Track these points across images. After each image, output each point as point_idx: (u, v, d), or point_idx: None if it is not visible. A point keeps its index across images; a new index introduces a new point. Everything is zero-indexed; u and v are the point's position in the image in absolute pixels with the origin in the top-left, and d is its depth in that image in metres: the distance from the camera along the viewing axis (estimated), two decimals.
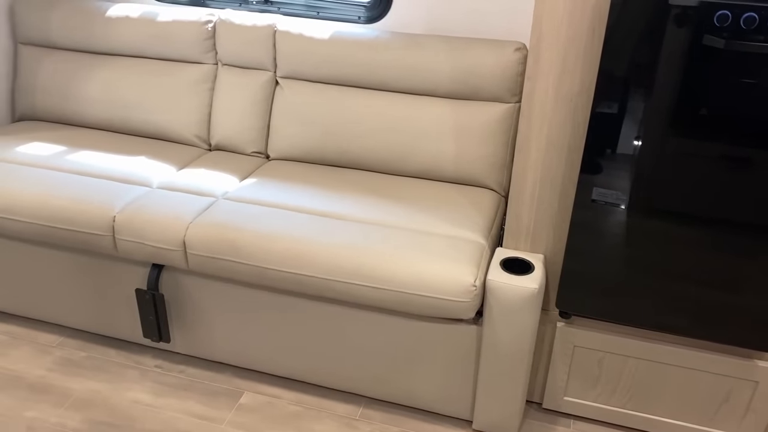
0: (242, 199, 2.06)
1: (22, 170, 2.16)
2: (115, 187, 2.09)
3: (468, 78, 2.15)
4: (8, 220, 2.05)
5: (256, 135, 2.38)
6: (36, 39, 2.55)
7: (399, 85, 2.23)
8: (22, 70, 2.57)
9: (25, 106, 2.58)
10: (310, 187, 2.14)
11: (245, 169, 2.28)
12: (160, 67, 2.44)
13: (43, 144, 2.35)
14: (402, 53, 2.20)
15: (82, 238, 2.01)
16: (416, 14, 2.31)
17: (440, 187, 2.19)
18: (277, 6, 2.45)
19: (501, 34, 2.24)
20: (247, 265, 1.87)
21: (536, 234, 1.84)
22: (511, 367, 1.82)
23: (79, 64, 2.50)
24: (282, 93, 2.34)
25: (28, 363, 2.18)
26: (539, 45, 1.60)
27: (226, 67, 2.40)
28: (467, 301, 1.74)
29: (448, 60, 2.16)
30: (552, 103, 1.65)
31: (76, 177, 2.14)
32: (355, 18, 2.38)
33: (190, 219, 1.95)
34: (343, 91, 2.29)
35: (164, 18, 2.40)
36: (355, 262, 1.80)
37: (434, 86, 2.20)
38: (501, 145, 2.17)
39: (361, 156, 2.26)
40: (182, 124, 2.42)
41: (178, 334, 2.14)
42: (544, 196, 1.78)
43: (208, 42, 2.38)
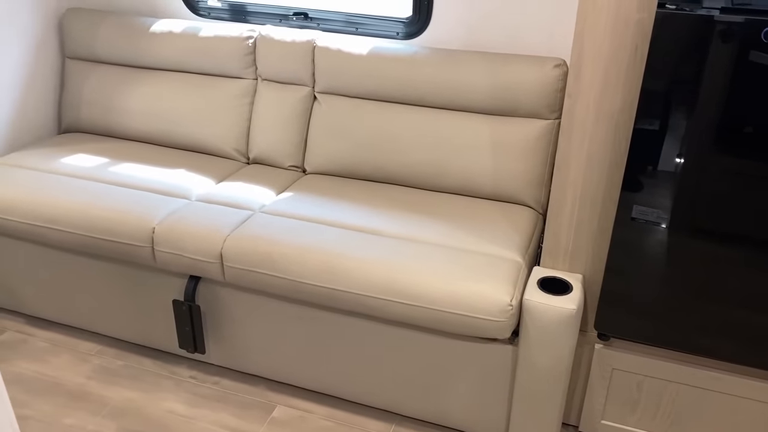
0: (279, 213, 2.07)
1: (67, 181, 2.22)
2: (155, 199, 2.13)
3: (506, 94, 2.14)
4: (52, 229, 2.10)
5: (294, 149, 2.40)
6: (82, 53, 2.62)
7: (437, 101, 2.23)
8: (68, 83, 2.64)
9: (71, 118, 2.65)
10: (346, 201, 2.15)
11: (282, 183, 2.29)
12: (202, 82, 2.48)
13: (87, 156, 2.41)
14: (440, 69, 2.20)
15: (122, 248, 2.04)
16: (455, 30, 2.31)
17: (477, 204, 2.17)
18: (317, 22, 2.47)
19: (540, 51, 2.22)
20: (282, 278, 1.88)
21: (575, 253, 1.80)
22: (547, 388, 1.79)
23: (123, 78, 2.56)
24: (319, 108, 2.36)
25: (68, 370, 2.22)
26: (580, 62, 1.58)
27: (265, 82, 2.43)
28: (503, 321, 1.71)
29: (487, 76, 2.15)
30: (593, 120, 1.63)
31: (117, 188, 2.18)
32: (394, 34, 2.39)
33: (228, 232, 1.97)
34: (381, 107, 2.29)
35: (206, 33, 2.44)
36: (388, 277, 1.79)
37: (472, 102, 2.19)
38: (539, 161, 2.14)
39: (397, 171, 2.26)
40: (222, 138, 2.45)
41: (213, 346, 2.16)
42: (583, 215, 1.75)
43: (248, 57, 2.42)
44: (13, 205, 2.14)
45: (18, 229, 2.15)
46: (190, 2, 2.61)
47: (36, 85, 2.58)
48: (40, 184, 2.20)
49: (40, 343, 2.34)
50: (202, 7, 2.61)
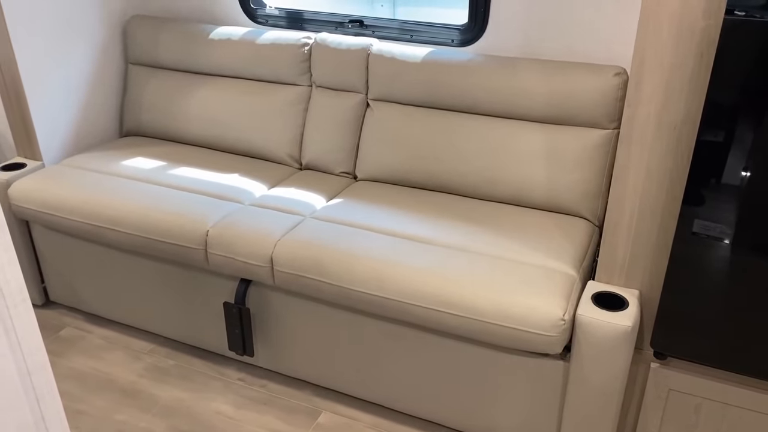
0: (329, 219, 2.08)
1: (126, 184, 2.28)
2: (210, 203, 2.16)
3: (564, 102, 2.09)
4: (112, 230, 2.16)
5: (345, 156, 2.40)
6: (144, 59, 2.69)
7: (491, 109, 2.20)
8: (130, 88, 2.72)
9: (132, 122, 2.73)
10: (396, 209, 2.14)
11: (333, 189, 2.30)
12: (258, 88, 2.52)
13: (146, 159, 2.47)
14: (495, 76, 2.17)
15: (177, 250, 2.08)
16: (511, 37, 2.27)
17: (531, 214, 2.13)
18: (372, 29, 2.48)
19: (600, 58, 2.17)
20: (330, 284, 1.88)
21: (632, 268, 1.74)
22: (600, 407, 1.73)
23: (182, 84, 2.63)
24: (372, 115, 2.36)
25: (121, 367, 2.27)
26: (641, 70, 1.53)
27: (319, 88, 2.44)
28: (554, 336, 1.67)
29: (544, 84, 2.11)
30: (653, 130, 1.57)
31: (174, 192, 2.23)
32: (449, 41, 2.37)
33: (278, 236, 1.98)
34: (434, 114, 2.28)
35: (263, 41, 2.48)
36: (436, 287, 1.77)
37: (528, 110, 2.15)
38: (596, 172, 2.08)
39: (449, 179, 2.24)
40: (276, 144, 2.48)
41: (261, 349, 2.18)
42: (641, 228, 1.69)
43: (304, 64, 2.44)
44: (75, 205, 2.21)
45: (80, 228, 2.22)
46: (248, 10, 2.66)
47: (100, 89, 2.66)
48: (101, 186, 2.26)
49: (97, 340, 2.41)
50: (260, 14, 2.65)
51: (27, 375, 0.79)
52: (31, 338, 0.79)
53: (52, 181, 2.30)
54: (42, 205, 2.26)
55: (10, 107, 2.42)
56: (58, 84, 2.48)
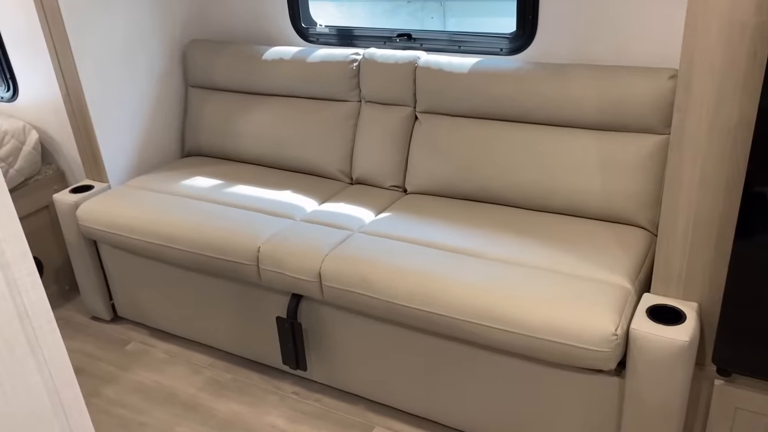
0: (377, 233, 2.08)
1: (184, 202, 2.36)
2: (263, 219, 2.21)
3: (617, 108, 2.02)
4: (170, 248, 2.24)
5: (395, 169, 2.40)
6: (203, 81, 2.79)
7: (542, 117, 2.15)
8: (190, 110, 2.82)
9: (192, 143, 2.83)
10: (446, 222, 2.12)
11: (382, 203, 2.30)
12: (309, 106, 2.56)
13: (204, 178, 2.55)
14: (545, 84, 2.12)
15: (231, 266, 2.13)
16: (561, 43, 2.22)
17: (585, 225, 2.06)
18: (420, 42, 2.48)
19: (653, 61, 2.08)
20: (377, 299, 1.87)
21: (689, 279, 1.66)
22: (659, 426, 1.64)
23: (238, 104, 2.70)
24: (420, 127, 2.35)
25: (182, 381, 2.34)
26: (690, 73, 1.46)
27: (368, 103, 2.46)
28: (607, 351, 1.60)
29: (595, 90, 2.04)
30: (706, 136, 1.49)
31: (229, 209, 2.29)
32: (498, 50, 2.34)
33: (326, 251, 2.00)
34: (483, 125, 2.25)
35: (313, 59, 2.52)
36: (485, 302, 1.73)
37: (580, 117, 2.09)
38: (653, 179, 2.00)
39: (500, 191, 2.20)
40: (327, 160, 2.51)
41: (315, 363, 2.20)
42: (698, 238, 1.61)
43: (353, 80, 2.46)
44: (136, 225, 2.30)
45: (141, 247, 2.31)
46: (300, 30, 2.71)
47: (162, 112, 2.78)
48: (161, 205, 2.35)
49: (160, 354, 2.49)
50: (311, 33, 2.70)
51: (55, 393, 0.82)
52: (57, 356, 0.82)
53: (116, 202, 2.41)
54: (106, 225, 2.37)
55: (79, 133, 2.55)
56: (123, 109, 2.60)
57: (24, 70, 2.65)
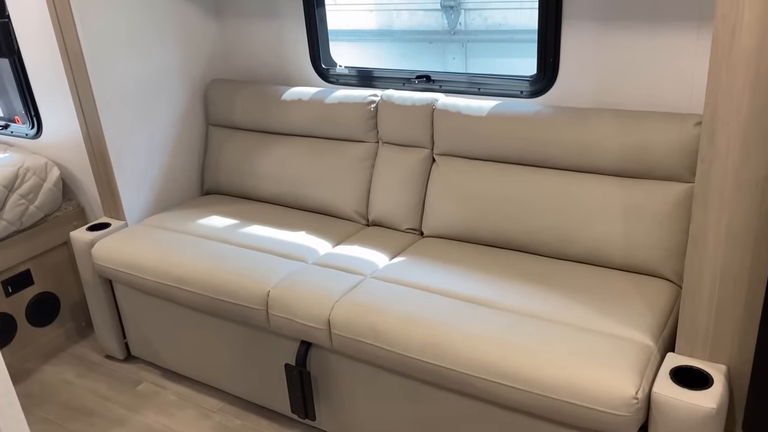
0: (389, 279, 2.02)
1: (198, 243, 2.34)
2: (275, 262, 2.17)
3: (641, 155, 1.94)
4: (182, 290, 2.21)
5: (411, 212, 2.35)
6: (223, 120, 2.79)
7: (563, 162, 2.08)
8: (210, 149, 2.82)
9: (211, 181, 2.82)
10: (461, 268, 2.04)
11: (397, 247, 2.24)
12: (327, 146, 2.53)
13: (220, 218, 2.53)
14: (566, 128, 2.05)
15: (240, 310, 2.09)
16: (583, 87, 2.16)
17: (607, 275, 1.97)
18: (439, 84, 2.44)
19: (679, 106, 2.00)
20: (386, 350, 1.80)
21: (717, 339, 1.55)
22: None
23: (257, 144, 2.69)
24: (438, 170, 2.30)
25: (191, 426, 2.29)
26: (714, 123, 1.38)
27: (386, 145, 2.42)
28: (626, 416, 1.50)
29: (618, 135, 1.97)
30: (732, 188, 1.41)
31: (243, 251, 2.26)
32: (518, 93, 2.29)
33: (336, 298, 1.94)
34: (503, 168, 2.19)
35: (332, 100, 2.50)
36: (498, 357, 1.65)
37: (602, 163, 2.01)
38: (679, 228, 1.90)
39: (519, 237, 2.13)
40: (344, 200, 2.47)
41: (324, 412, 2.13)
42: (725, 295, 1.51)
43: (370, 121, 2.43)
44: (149, 265, 2.28)
45: (153, 287, 2.29)
46: (320, 70, 2.70)
47: (182, 151, 2.78)
48: (175, 245, 2.33)
49: (171, 396, 2.45)
50: (331, 74, 2.69)
51: None
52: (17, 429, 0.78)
53: (130, 241, 2.40)
54: (120, 264, 2.35)
55: (98, 172, 2.56)
56: (143, 147, 2.61)
57: (48, 107, 2.68)
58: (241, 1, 2.77)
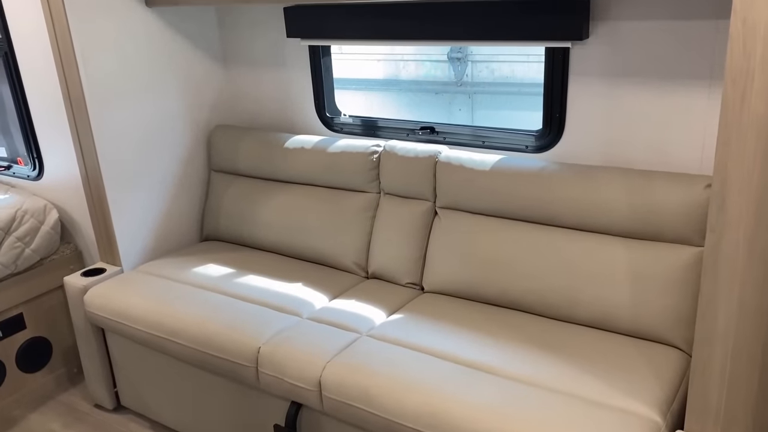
0: (385, 338, 1.94)
1: (192, 292, 2.27)
2: (268, 316, 2.10)
3: (649, 216, 1.87)
4: (172, 342, 2.14)
5: (412, 265, 2.28)
6: (225, 166, 2.76)
7: (568, 221, 2.01)
8: (211, 194, 2.79)
9: (211, 227, 2.78)
10: (461, 328, 1.96)
11: (396, 302, 2.17)
12: (328, 195, 2.49)
13: (216, 266, 2.47)
14: (572, 185, 1.99)
15: (230, 366, 2.01)
16: (590, 143, 2.10)
17: (613, 341, 1.88)
18: (443, 136, 2.40)
19: (689, 166, 1.94)
20: (378, 416, 1.71)
21: (729, 418, 1.45)
22: None
23: (258, 191, 2.65)
24: (440, 224, 2.24)
25: None
26: (724, 192, 1.31)
27: (387, 196, 2.37)
28: None
29: (626, 195, 1.90)
30: (744, 260, 1.33)
31: (236, 302, 2.19)
32: (523, 147, 2.23)
33: (329, 358, 1.86)
34: (506, 225, 2.12)
35: (334, 149, 2.46)
36: (493, 428, 1.55)
37: (609, 223, 1.94)
38: (689, 294, 1.82)
39: (522, 297, 2.04)
40: (343, 251, 2.40)
41: None
42: (738, 372, 1.41)
43: (372, 171, 2.38)
44: (139, 315, 2.22)
45: (144, 338, 2.22)
46: (324, 119, 2.67)
47: (183, 196, 2.74)
48: (168, 294, 2.27)
49: None
50: (335, 123, 2.66)
51: None
52: None
53: (123, 289, 2.35)
54: (111, 312, 2.29)
55: (95, 216, 2.53)
56: (143, 192, 2.57)
57: (50, 150, 2.66)
58: (248, 48, 2.77)
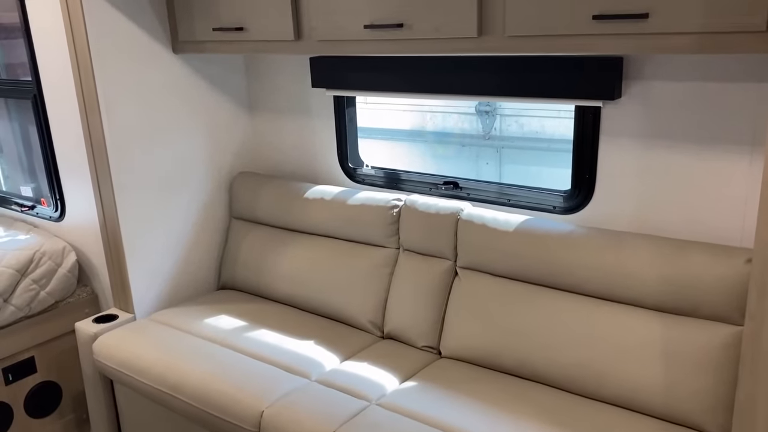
0: (396, 408, 1.82)
1: (201, 346, 2.20)
2: (275, 376, 2.01)
3: (683, 290, 1.73)
4: (175, 398, 2.06)
5: (429, 328, 2.17)
6: (245, 214, 2.71)
7: (595, 290, 1.88)
8: (230, 242, 2.73)
9: (228, 276, 2.72)
10: (477, 401, 1.83)
11: (410, 367, 2.05)
12: (346, 249, 2.40)
13: (230, 318, 2.40)
14: (600, 252, 1.87)
15: (232, 429, 1.92)
16: (621, 207, 1.98)
17: (640, 423, 1.73)
18: (467, 192, 2.30)
19: (729, 237, 1.80)
20: None
21: None
22: None
23: (276, 240, 2.58)
24: (459, 285, 2.13)
25: None
26: (765, 274, 1.18)
27: (407, 252, 2.28)
28: None
29: (658, 265, 1.77)
30: None
31: (244, 359, 2.11)
32: (550, 207, 2.12)
33: (334, 428, 1.75)
34: (529, 290, 2.00)
35: (354, 201, 2.39)
36: None
37: (640, 295, 1.81)
38: (726, 377, 1.66)
39: (544, 369, 1.91)
40: (359, 309, 2.31)
41: None
42: None
43: (392, 226, 2.30)
44: (148, 367, 2.15)
45: (149, 391, 2.15)
46: (347, 169, 2.61)
47: (202, 243, 2.70)
48: (176, 347, 2.20)
49: None
50: (358, 174, 2.60)
51: None
52: None
53: (132, 339, 2.29)
54: (119, 363, 2.23)
55: (111, 261, 2.49)
56: (160, 239, 2.53)
57: (72, 192, 2.66)
58: (274, 95, 2.74)
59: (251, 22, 2.17)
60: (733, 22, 1.38)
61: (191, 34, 2.37)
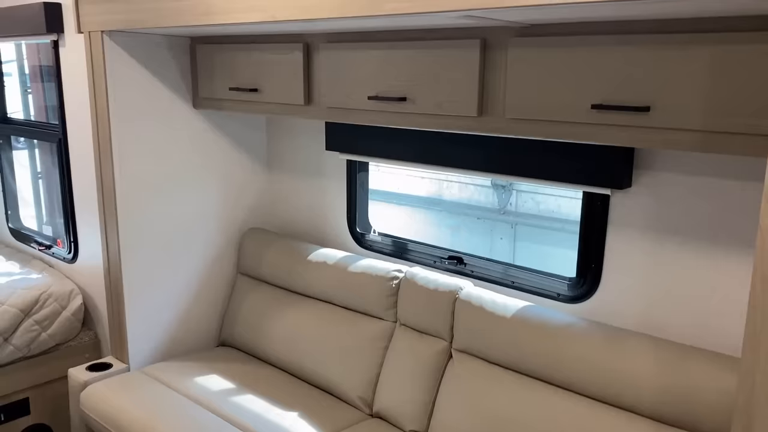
0: None
1: (186, 407, 2.15)
2: None
3: (682, 402, 1.59)
4: None
5: (419, 411, 2.06)
6: (251, 271, 2.68)
7: (591, 389, 1.75)
8: (234, 298, 2.70)
9: (227, 333, 2.68)
10: None
11: None
12: (344, 317, 2.34)
13: (220, 379, 2.35)
14: (598, 350, 1.75)
15: None
16: (626, 302, 1.86)
17: None
18: (471, 269, 2.22)
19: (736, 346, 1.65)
20: None
21: None
22: None
23: (277, 301, 2.54)
24: (453, 368, 2.02)
25: None
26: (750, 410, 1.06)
27: (403, 327, 2.19)
28: None
29: (657, 371, 1.64)
30: None
31: (225, 426, 2.05)
32: (554, 295, 2.02)
33: None
34: (523, 382, 1.88)
35: (355, 268, 2.33)
36: None
37: (636, 401, 1.67)
38: None
39: None
40: (350, 383, 2.22)
41: None
42: None
43: (391, 298, 2.22)
44: (127, 424, 2.11)
45: None
46: (354, 234, 2.57)
47: (206, 296, 2.67)
48: (160, 406, 2.16)
49: None
50: (366, 239, 2.55)
51: None
52: None
53: (120, 391, 2.26)
54: (101, 415, 2.20)
55: (111, 310, 2.49)
56: (163, 291, 2.52)
57: (86, 236, 2.69)
58: (290, 154, 2.74)
59: (265, 84, 2.18)
60: (737, 123, 1.29)
61: (211, 92, 2.40)
